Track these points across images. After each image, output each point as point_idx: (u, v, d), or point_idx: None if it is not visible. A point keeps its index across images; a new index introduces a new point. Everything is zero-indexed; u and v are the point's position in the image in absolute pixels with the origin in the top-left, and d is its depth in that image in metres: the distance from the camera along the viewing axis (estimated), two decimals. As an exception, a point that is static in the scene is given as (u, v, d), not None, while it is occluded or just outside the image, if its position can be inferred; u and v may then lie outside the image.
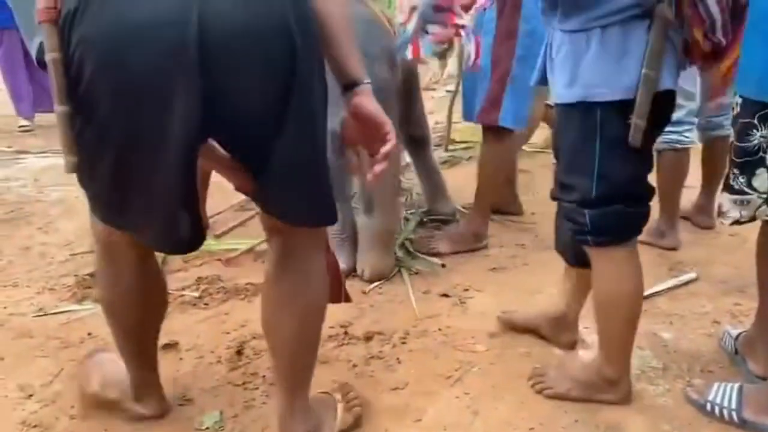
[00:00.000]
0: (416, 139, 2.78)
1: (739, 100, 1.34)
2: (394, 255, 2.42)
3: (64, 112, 1.04)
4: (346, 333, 1.94)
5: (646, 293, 2.09)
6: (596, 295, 1.57)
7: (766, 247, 1.53)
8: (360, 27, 2.02)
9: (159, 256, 2.40)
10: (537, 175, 3.42)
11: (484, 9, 2.25)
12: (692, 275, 2.25)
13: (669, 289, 2.17)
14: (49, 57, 1.02)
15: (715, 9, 1.33)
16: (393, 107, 2.12)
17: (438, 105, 5.25)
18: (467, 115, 2.45)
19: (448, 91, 5.84)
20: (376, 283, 2.25)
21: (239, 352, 1.85)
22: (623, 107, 1.33)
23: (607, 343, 1.58)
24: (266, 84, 1.05)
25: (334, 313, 2.05)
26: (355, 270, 2.31)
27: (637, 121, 1.32)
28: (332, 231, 2.31)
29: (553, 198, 1.59)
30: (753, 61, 1.28)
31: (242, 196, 3.16)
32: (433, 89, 5.96)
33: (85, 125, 1.06)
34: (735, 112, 1.35)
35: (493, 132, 2.40)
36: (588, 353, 1.79)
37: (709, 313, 2.05)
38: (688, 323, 1.99)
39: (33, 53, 1.13)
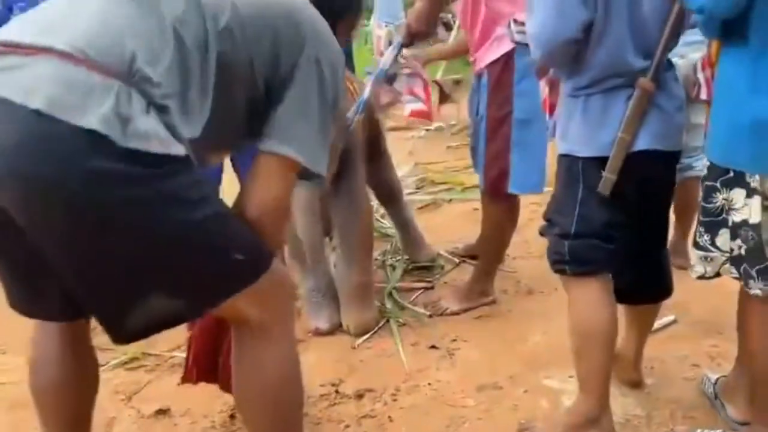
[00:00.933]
0: (386, 197, 2.85)
1: (708, 164, 1.43)
2: (382, 306, 2.47)
3: None
4: (337, 392, 1.97)
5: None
6: (572, 326, 1.66)
7: (744, 297, 1.57)
8: None
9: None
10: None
11: (479, 76, 2.30)
12: (671, 318, 2.32)
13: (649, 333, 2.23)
14: None
15: (700, 75, 1.46)
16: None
17: (416, 146, 5.31)
18: (477, 171, 2.45)
19: (427, 130, 5.93)
20: (364, 338, 2.29)
21: (233, 416, 1.87)
22: (601, 162, 1.55)
23: (584, 375, 1.65)
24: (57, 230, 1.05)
25: (325, 371, 2.09)
26: (341, 326, 2.35)
27: (608, 174, 1.54)
28: (309, 290, 2.37)
29: (542, 233, 1.73)
30: (718, 129, 1.37)
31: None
32: (413, 128, 6.02)
33: None
34: (704, 173, 1.43)
35: (499, 195, 2.38)
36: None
37: (688, 356, 2.11)
38: (669, 368, 2.05)
39: None
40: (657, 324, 2.26)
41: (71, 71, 1.01)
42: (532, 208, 3.57)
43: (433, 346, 2.22)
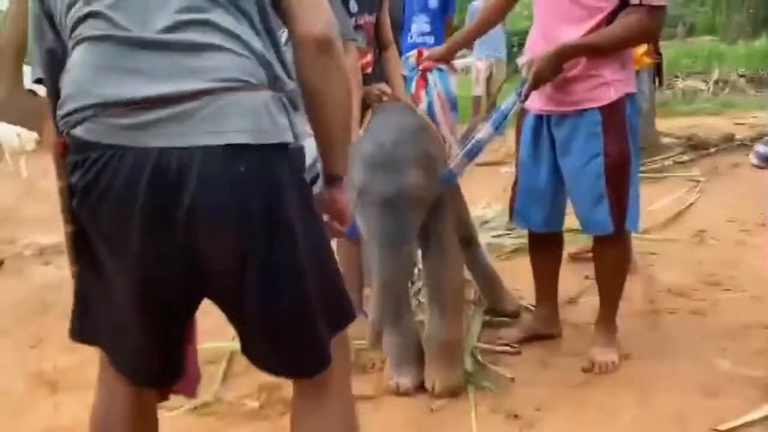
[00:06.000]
0: (463, 240, 2.65)
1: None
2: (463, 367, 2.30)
3: (68, 231, 1.18)
4: (405, 460, 1.84)
5: (738, 422, 1.89)
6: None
7: None
8: (393, 133, 2.09)
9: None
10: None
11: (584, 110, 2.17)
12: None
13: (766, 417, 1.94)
14: (58, 184, 1.17)
15: None
16: (421, 214, 2.08)
17: (509, 182, 5.07)
18: (589, 226, 2.29)
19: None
20: (443, 401, 2.13)
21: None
22: None
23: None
24: (237, 249, 1.09)
25: (395, 433, 1.97)
26: (422, 386, 2.20)
27: None
28: (393, 344, 2.24)
29: None
30: None
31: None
32: (505, 162, 5.79)
33: (83, 245, 1.17)
34: None
35: (615, 235, 2.24)
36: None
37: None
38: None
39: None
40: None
41: (249, 97, 1.08)
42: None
43: (514, 415, 2.03)
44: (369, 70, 2.74)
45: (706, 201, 4.16)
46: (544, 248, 2.48)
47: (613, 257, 2.31)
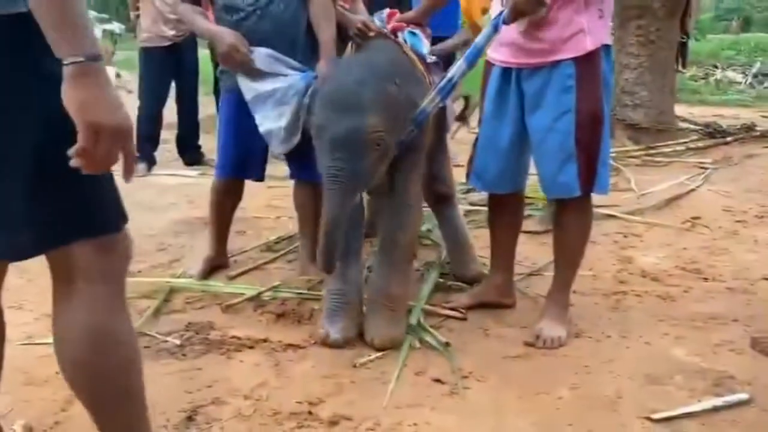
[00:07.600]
0: (439, 196, 2.57)
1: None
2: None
3: None
4: (310, 413, 1.74)
5: (673, 413, 1.75)
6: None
7: None
8: (359, 72, 1.96)
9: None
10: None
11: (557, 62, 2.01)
12: (742, 396, 1.85)
13: (707, 411, 1.79)
14: None
15: None
16: (379, 157, 1.93)
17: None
18: (552, 189, 2.13)
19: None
20: (368, 357, 2.03)
21: (190, 418, 1.71)
22: None
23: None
24: None
25: (309, 385, 1.88)
26: (348, 342, 2.10)
27: None
28: (332, 292, 2.14)
29: None
30: None
31: (273, 236, 3.08)
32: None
33: None
34: None
35: (581, 200, 2.11)
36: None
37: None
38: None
39: None
40: (722, 401, 1.83)
41: None
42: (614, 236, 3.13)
43: (437, 380, 1.91)
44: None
45: (708, 189, 3.94)
46: (503, 213, 2.33)
47: (575, 224, 2.17)
